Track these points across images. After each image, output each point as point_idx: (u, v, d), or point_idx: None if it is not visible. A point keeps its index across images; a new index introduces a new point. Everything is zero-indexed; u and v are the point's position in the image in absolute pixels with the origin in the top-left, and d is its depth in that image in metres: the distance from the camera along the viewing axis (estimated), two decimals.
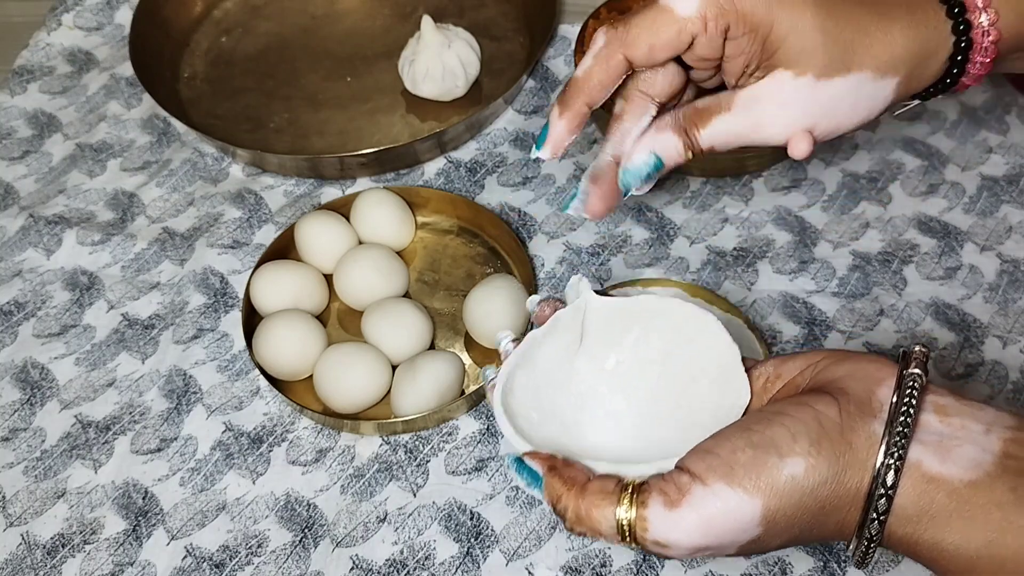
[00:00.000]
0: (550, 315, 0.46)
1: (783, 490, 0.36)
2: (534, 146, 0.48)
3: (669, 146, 0.47)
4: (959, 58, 0.45)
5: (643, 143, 0.47)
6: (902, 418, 0.36)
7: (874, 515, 0.36)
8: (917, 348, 0.38)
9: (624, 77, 0.46)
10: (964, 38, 0.44)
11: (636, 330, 0.46)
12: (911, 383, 0.37)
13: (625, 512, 0.38)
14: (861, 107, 0.45)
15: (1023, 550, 0.35)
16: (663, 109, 0.48)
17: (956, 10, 0.44)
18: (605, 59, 0.44)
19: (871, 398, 0.37)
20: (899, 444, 0.36)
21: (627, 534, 0.38)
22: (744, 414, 0.42)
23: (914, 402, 0.36)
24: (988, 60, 0.45)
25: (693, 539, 0.37)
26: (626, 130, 0.48)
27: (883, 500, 0.36)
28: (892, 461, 0.36)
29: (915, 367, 0.38)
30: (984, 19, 0.44)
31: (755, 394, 0.42)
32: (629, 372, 0.47)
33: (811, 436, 0.37)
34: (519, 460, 0.41)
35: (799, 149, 0.46)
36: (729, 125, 0.46)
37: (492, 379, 0.45)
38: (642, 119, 0.48)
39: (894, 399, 0.37)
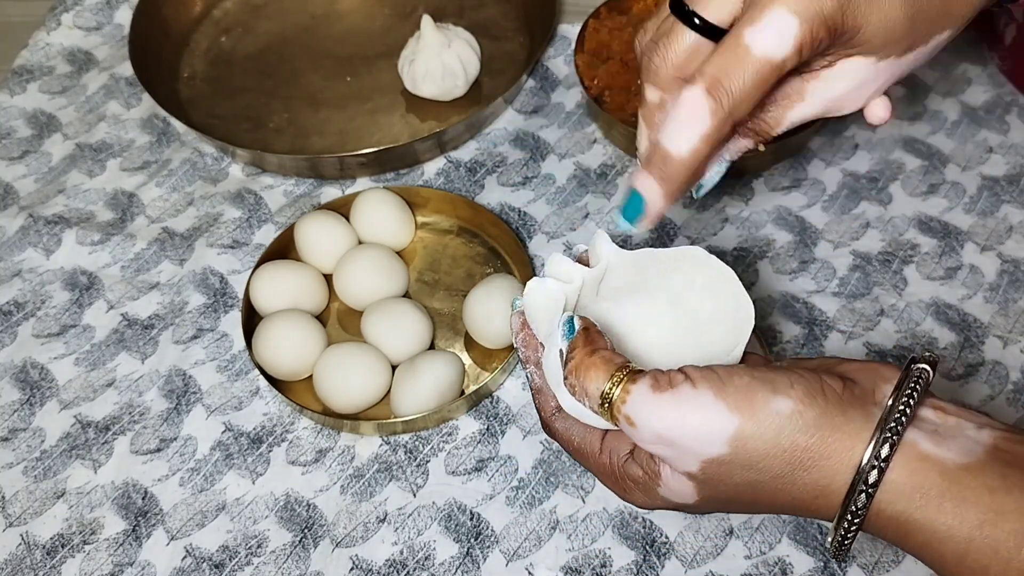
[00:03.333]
0: (519, 327, 0.47)
1: (762, 419, 0.37)
2: (619, 216, 0.46)
3: (740, 148, 0.47)
4: None
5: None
6: (904, 398, 0.37)
7: (863, 487, 0.36)
8: (927, 354, 0.39)
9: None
10: None
11: (652, 281, 0.46)
12: (917, 375, 0.38)
13: (616, 381, 0.39)
14: (929, 55, 0.44)
15: (1015, 534, 0.35)
16: None
17: None
18: (716, 134, 0.41)
19: (875, 391, 0.39)
20: (898, 420, 0.36)
21: (607, 400, 0.39)
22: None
23: (918, 390, 0.37)
24: None
25: (661, 425, 0.38)
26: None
27: (875, 472, 0.36)
28: (888, 435, 0.36)
29: (924, 364, 0.39)
30: None
31: None
32: (644, 320, 0.46)
33: (809, 390, 0.38)
34: (571, 317, 0.42)
35: (877, 116, 0.45)
36: (803, 113, 0.45)
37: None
38: None
39: (897, 386, 0.38)
